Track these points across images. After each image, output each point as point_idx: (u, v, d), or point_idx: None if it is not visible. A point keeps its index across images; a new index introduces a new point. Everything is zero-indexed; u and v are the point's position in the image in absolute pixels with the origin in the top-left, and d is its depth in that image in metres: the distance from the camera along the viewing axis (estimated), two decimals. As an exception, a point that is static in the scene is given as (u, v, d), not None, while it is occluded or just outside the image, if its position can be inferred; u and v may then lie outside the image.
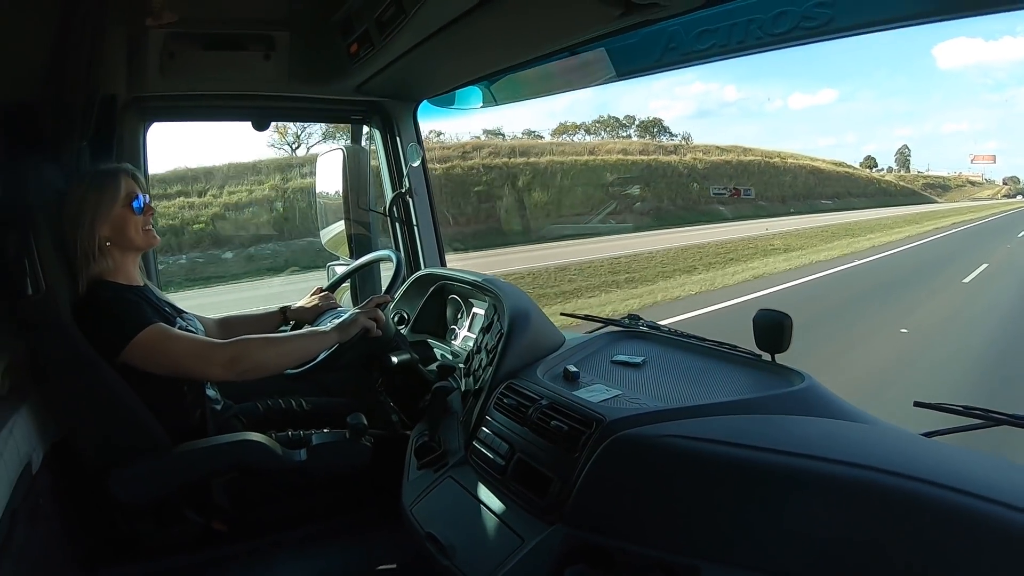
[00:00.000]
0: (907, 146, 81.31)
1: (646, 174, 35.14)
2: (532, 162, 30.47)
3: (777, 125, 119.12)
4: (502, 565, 1.29)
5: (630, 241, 21.91)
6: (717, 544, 1.12)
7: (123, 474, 1.63)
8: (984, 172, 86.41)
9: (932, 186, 74.05)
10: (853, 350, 7.38)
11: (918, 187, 69.85)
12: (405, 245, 2.84)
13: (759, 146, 46.52)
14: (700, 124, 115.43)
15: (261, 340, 1.77)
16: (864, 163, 71.46)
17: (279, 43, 2.24)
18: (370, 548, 1.91)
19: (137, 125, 2.37)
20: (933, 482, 0.99)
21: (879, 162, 73.28)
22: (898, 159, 77.73)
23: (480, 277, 2.22)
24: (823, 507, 1.04)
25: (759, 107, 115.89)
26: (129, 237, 1.74)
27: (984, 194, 79.82)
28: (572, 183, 30.79)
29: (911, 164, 78.09)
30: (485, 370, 1.81)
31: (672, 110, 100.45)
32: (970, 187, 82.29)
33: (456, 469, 1.66)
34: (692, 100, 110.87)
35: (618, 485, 1.29)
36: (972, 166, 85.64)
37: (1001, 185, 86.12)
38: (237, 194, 20.73)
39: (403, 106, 2.73)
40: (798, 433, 1.29)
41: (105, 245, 1.70)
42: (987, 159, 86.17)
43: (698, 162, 38.50)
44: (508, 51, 2.08)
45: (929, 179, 76.17)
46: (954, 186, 79.95)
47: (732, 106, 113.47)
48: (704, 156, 39.76)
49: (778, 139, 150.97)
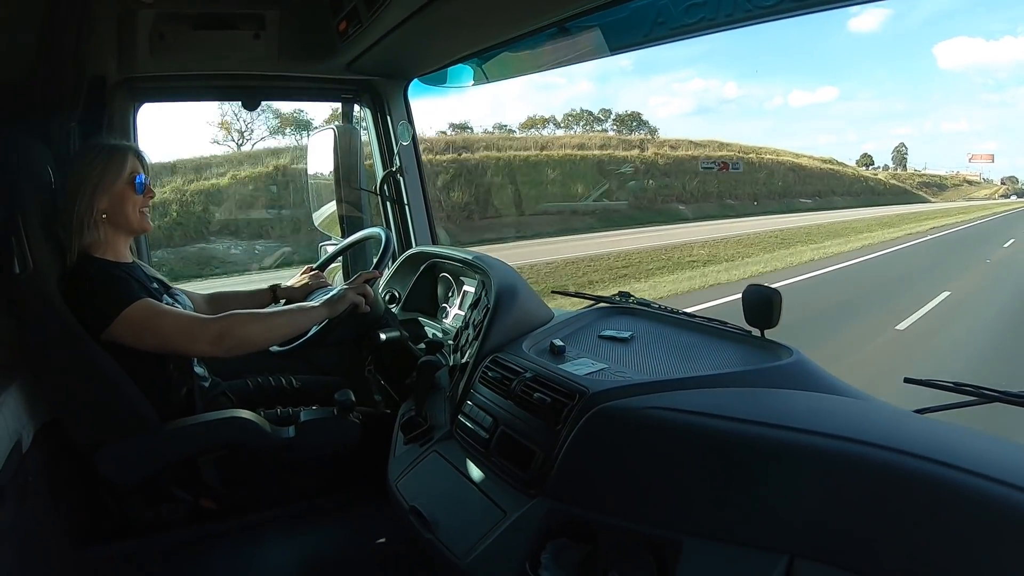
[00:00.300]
0: (904, 144, 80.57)
1: (595, 171, 33.69)
2: (463, 158, 28.81)
3: (777, 123, 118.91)
4: (484, 539, 1.29)
5: (536, 248, 18.66)
6: (700, 518, 1.10)
7: (111, 452, 1.63)
8: (982, 172, 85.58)
9: (928, 185, 73.06)
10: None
11: (912, 186, 69.14)
12: (396, 224, 2.84)
13: (740, 142, 46.34)
14: (699, 121, 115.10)
15: (249, 315, 1.77)
16: (860, 160, 70.66)
17: (269, 22, 2.23)
18: (359, 524, 1.92)
19: (127, 105, 2.36)
20: (922, 456, 0.96)
21: (876, 160, 72.61)
22: (895, 157, 76.91)
23: (470, 255, 2.21)
24: (809, 480, 1.02)
25: (759, 104, 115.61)
26: (126, 215, 1.73)
27: (981, 194, 78.64)
28: (503, 181, 29.12)
29: (908, 162, 77.29)
30: (471, 345, 1.80)
31: (671, 107, 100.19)
32: (967, 187, 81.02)
33: (441, 444, 1.66)
34: (691, 97, 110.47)
35: (600, 458, 1.27)
36: (970, 165, 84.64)
37: (999, 185, 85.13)
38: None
39: (394, 84, 2.72)
40: (785, 406, 1.27)
41: (101, 218, 1.69)
42: (985, 158, 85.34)
43: (660, 158, 36.71)
44: (498, 27, 2.06)
45: (925, 178, 75.10)
46: (951, 185, 78.71)
47: (732, 103, 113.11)
48: (671, 151, 38.00)
49: (778, 137, 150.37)
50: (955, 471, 0.92)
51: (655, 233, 23.28)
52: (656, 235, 22.13)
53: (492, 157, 30.12)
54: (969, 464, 0.93)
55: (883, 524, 0.93)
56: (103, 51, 2.09)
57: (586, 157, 34.09)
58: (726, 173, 38.89)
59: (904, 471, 0.95)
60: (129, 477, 1.68)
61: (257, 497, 1.86)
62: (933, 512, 0.91)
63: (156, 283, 1.84)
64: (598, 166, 33.19)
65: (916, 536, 0.90)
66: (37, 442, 1.57)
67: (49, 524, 1.59)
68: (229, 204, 19.42)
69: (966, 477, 0.91)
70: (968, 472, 0.91)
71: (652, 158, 36.80)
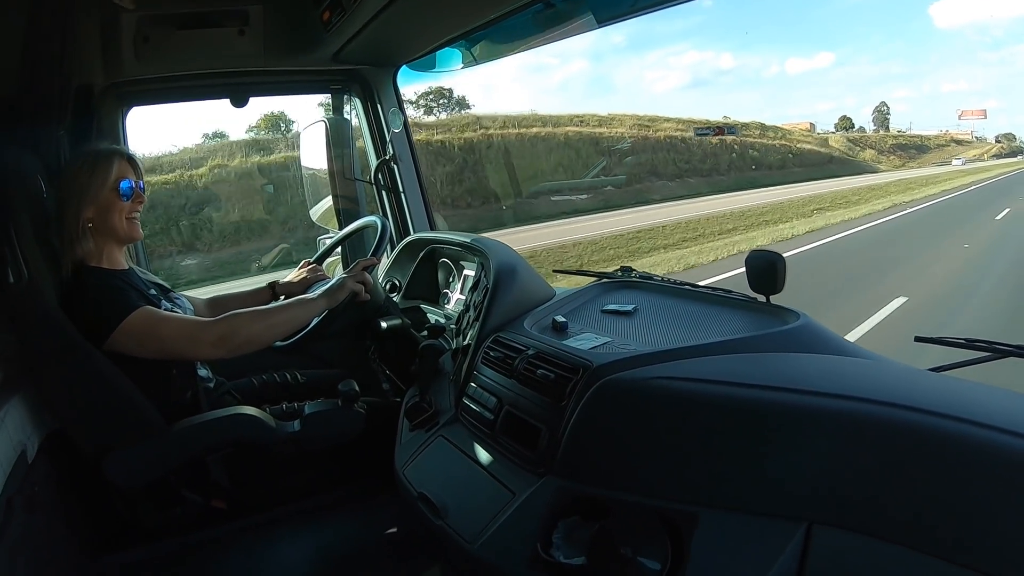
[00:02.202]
0: (885, 103, 78.75)
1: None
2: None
3: (776, 91, 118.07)
4: (493, 521, 1.28)
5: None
6: (714, 488, 1.08)
7: (119, 458, 1.62)
8: (974, 129, 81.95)
9: (904, 147, 69.71)
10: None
11: (886, 147, 66.19)
12: (393, 212, 2.83)
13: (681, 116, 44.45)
14: (696, 94, 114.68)
15: (249, 314, 1.75)
16: (839, 123, 69.49)
17: (253, 17, 2.21)
18: (370, 515, 1.92)
19: (115, 111, 2.36)
20: (938, 413, 0.95)
21: (855, 122, 70.96)
22: (876, 118, 75.26)
23: (469, 238, 2.20)
24: (824, 444, 1.00)
25: (756, 74, 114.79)
26: (112, 223, 1.70)
27: (970, 154, 74.77)
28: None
29: (890, 123, 75.01)
30: (472, 326, 1.80)
31: (667, 81, 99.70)
32: (955, 147, 77.09)
33: (447, 428, 1.65)
34: (686, 70, 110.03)
35: (608, 432, 1.26)
36: (961, 123, 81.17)
37: (993, 143, 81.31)
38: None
39: (382, 72, 2.70)
40: (795, 370, 1.25)
41: (87, 227, 1.68)
42: (977, 114, 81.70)
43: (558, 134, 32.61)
44: (483, 5, 2.02)
45: (902, 139, 71.45)
46: (935, 146, 74.77)
47: (729, 74, 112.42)
48: (582, 128, 34.62)
49: (778, 105, 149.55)
50: (972, 426, 0.91)
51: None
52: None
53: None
54: (986, 419, 0.91)
55: (901, 484, 0.92)
56: (88, 58, 2.08)
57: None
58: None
59: (920, 429, 0.94)
60: (138, 481, 1.67)
61: (267, 494, 1.86)
62: (951, 469, 0.89)
63: (154, 288, 1.83)
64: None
65: (935, 494, 0.88)
66: (43, 452, 1.56)
67: (60, 534, 1.59)
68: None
69: (984, 432, 0.89)
70: (985, 427, 0.90)
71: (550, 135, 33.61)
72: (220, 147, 22.17)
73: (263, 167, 20.90)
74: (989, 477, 0.86)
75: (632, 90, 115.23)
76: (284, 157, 21.01)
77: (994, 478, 0.85)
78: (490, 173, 28.29)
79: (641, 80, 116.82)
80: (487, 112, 34.20)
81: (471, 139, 29.01)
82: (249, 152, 21.77)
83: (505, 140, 30.50)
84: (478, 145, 29.04)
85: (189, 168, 20.38)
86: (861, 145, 64.11)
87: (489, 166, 28.96)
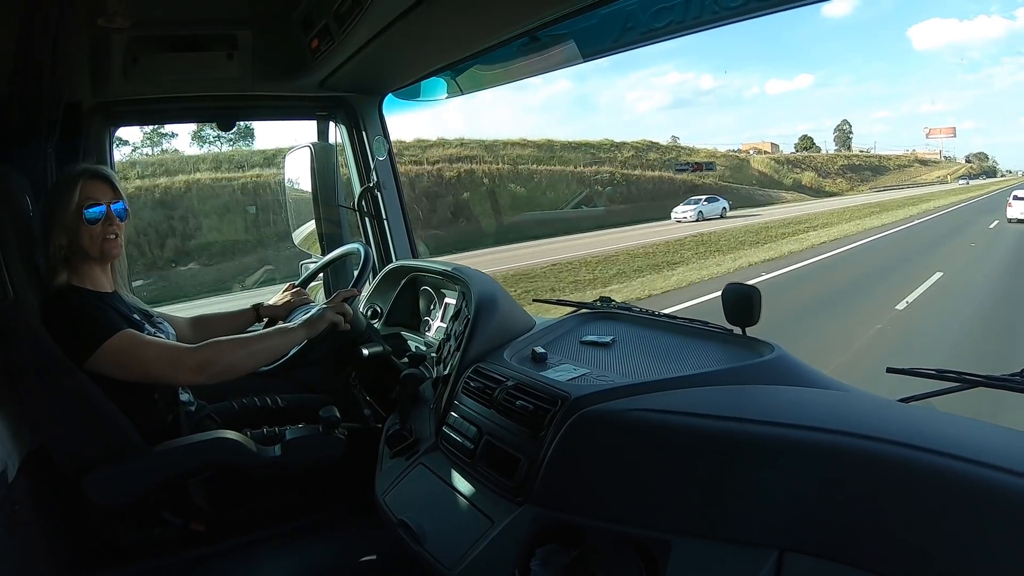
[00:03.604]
0: (847, 121, 74.72)
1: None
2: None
3: (756, 112, 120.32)
4: (473, 548, 1.29)
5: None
6: (688, 517, 1.10)
7: (99, 477, 1.62)
8: (943, 148, 77.45)
9: (857, 168, 64.71)
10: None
11: (833, 169, 61.11)
12: (376, 239, 2.84)
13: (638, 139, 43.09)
14: (677, 114, 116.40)
15: (230, 342, 1.76)
16: (799, 143, 66.52)
17: (242, 42, 2.23)
18: (349, 541, 1.91)
19: (103, 130, 2.37)
20: (904, 443, 0.97)
21: (815, 140, 68.00)
22: (837, 137, 72.77)
23: (450, 266, 2.22)
24: (796, 475, 1.02)
25: (737, 94, 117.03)
26: (82, 247, 1.69)
27: (931, 176, 70.38)
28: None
29: (851, 142, 72.08)
30: (453, 356, 1.81)
31: (650, 101, 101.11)
32: (918, 167, 72.64)
33: (427, 456, 1.66)
34: (668, 91, 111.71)
35: (585, 462, 1.28)
36: (929, 141, 76.85)
37: (963, 163, 76.86)
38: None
39: (368, 100, 2.73)
40: (768, 402, 1.28)
41: (60, 252, 1.68)
42: (945, 132, 77.61)
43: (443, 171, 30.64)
44: (469, 39, 2.07)
45: (856, 159, 66.68)
46: (895, 167, 69.94)
47: (709, 94, 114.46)
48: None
49: (757, 127, 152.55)
50: (937, 456, 0.93)
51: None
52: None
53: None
54: (951, 448, 0.93)
55: (868, 513, 0.93)
56: (77, 77, 2.09)
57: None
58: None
59: (887, 459, 0.96)
60: (118, 501, 1.67)
61: (246, 518, 1.86)
62: (917, 498, 0.91)
63: (138, 313, 1.83)
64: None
65: (901, 522, 0.90)
66: (24, 470, 1.56)
67: (40, 552, 1.58)
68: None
69: (948, 461, 0.91)
70: (950, 456, 0.92)
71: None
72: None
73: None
74: (957, 506, 0.88)
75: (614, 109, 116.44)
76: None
77: (961, 507, 0.87)
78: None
79: (623, 100, 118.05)
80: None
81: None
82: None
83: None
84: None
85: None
86: (802, 167, 59.21)
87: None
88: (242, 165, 23.31)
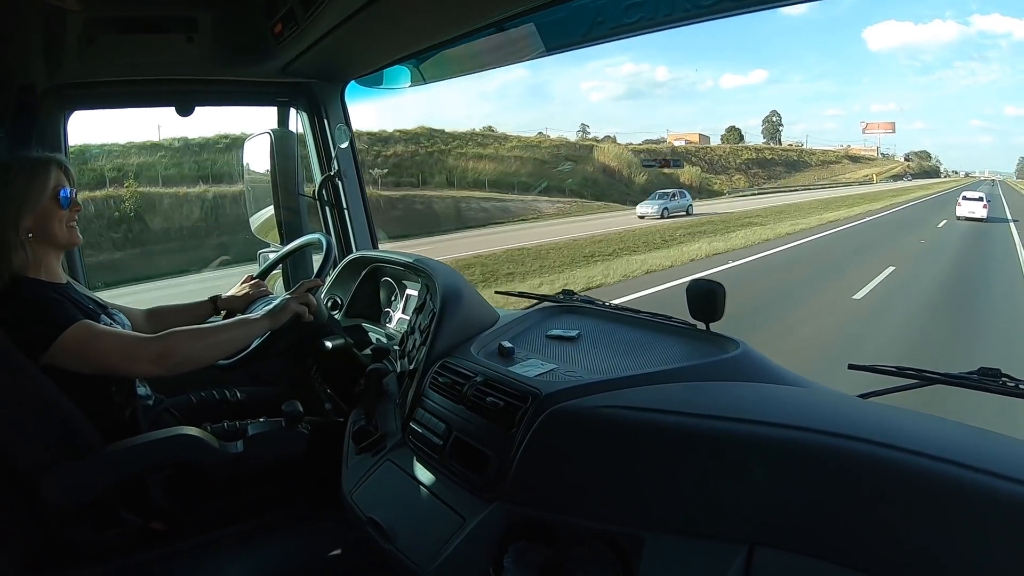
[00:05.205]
0: (777, 112, 72.19)
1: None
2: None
3: (710, 105, 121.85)
4: (445, 546, 1.30)
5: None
6: (658, 513, 1.12)
7: (54, 476, 1.57)
8: (880, 144, 74.84)
9: (767, 163, 60.18)
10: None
11: (737, 163, 56.50)
12: (336, 229, 2.82)
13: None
14: (630, 105, 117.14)
15: (189, 332, 1.71)
16: (725, 135, 63.78)
17: (202, 24, 2.17)
18: (314, 537, 1.90)
19: (57, 114, 2.29)
20: (863, 439, 1.00)
21: (745, 135, 65.43)
22: (766, 129, 70.53)
23: (412, 258, 2.20)
24: (763, 470, 1.05)
25: (691, 87, 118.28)
26: (52, 232, 1.67)
27: (859, 175, 67.24)
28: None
29: (781, 135, 69.33)
30: (419, 350, 1.80)
31: (603, 91, 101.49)
32: (846, 164, 69.55)
33: (395, 452, 1.65)
34: (622, 81, 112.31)
35: (556, 459, 1.29)
36: (866, 137, 74.72)
37: (900, 161, 74.19)
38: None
39: (330, 87, 2.70)
40: (732, 398, 1.31)
41: (27, 237, 1.63)
42: (884, 128, 75.67)
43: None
44: (435, 28, 2.05)
45: (769, 152, 62.38)
46: (817, 163, 66.20)
47: (664, 86, 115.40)
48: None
49: (709, 120, 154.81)
50: (896, 451, 0.96)
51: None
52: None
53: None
54: (909, 444, 0.97)
55: (830, 507, 0.97)
56: (31, 58, 2.02)
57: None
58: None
59: (846, 454, 0.99)
60: (75, 501, 1.62)
61: (208, 515, 1.82)
62: (876, 492, 0.94)
63: (92, 303, 1.78)
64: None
65: (862, 516, 0.94)
66: None
67: None
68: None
69: (906, 456, 0.95)
70: (908, 451, 0.96)
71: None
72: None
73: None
74: (919, 501, 0.91)
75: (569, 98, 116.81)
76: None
77: (915, 499, 0.92)
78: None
79: (577, 90, 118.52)
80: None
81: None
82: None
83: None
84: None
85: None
86: (691, 160, 51.58)
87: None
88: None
